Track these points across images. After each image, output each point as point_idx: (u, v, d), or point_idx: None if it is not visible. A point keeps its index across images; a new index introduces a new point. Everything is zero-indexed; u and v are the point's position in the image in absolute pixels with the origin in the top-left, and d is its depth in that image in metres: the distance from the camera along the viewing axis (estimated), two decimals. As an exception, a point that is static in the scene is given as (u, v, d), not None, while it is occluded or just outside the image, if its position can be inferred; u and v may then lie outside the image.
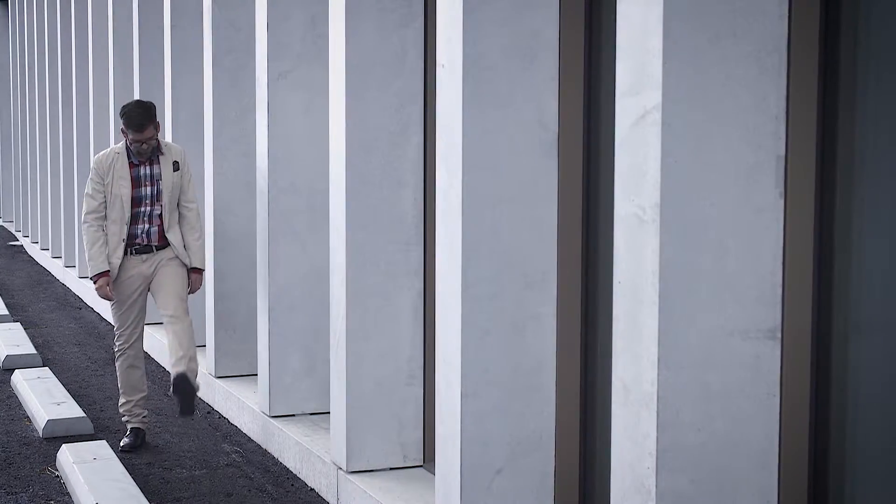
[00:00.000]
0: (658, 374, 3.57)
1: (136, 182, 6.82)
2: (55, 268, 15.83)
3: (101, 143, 12.50)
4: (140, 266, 6.89)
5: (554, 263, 4.81)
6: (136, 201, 6.82)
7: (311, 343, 7.06)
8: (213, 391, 8.05)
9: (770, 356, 3.69)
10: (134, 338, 6.99)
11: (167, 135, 9.41)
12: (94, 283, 6.84)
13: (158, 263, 6.91)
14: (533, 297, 4.78)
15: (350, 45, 5.69)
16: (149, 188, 6.83)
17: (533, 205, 4.76)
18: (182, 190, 6.95)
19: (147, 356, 10.05)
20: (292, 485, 6.31)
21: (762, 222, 3.65)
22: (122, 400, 7.11)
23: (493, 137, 4.67)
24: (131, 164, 6.81)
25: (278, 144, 6.89)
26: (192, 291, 7.01)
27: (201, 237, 7.07)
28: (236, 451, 6.94)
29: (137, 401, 7.08)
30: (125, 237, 6.83)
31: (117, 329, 6.99)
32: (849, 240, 3.65)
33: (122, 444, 6.97)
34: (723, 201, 3.61)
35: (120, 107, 6.94)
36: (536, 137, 4.74)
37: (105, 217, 6.83)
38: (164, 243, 6.91)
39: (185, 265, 6.96)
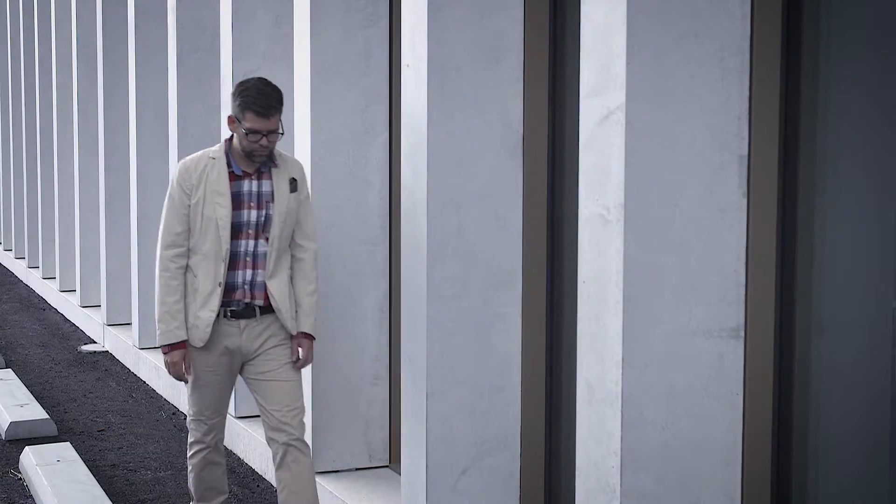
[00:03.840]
0: (622, 374, 3.58)
1: (236, 201, 4.68)
2: (19, 269, 15.70)
3: (65, 141, 12.41)
4: (235, 337, 4.77)
5: (519, 263, 4.82)
6: (234, 230, 4.68)
7: (277, 343, 7.03)
8: (179, 392, 8.01)
9: (733, 355, 3.71)
10: (216, 429, 4.95)
11: (130, 135, 9.35)
12: (164, 353, 4.78)
13: (264, 343, 4.79)
14: (498, 296, 4.78)
15: (315, 45, 5.68)
16: (254, 212, 4.69)
17: (498, 205, 4.76)
18: (299, 221, 4.83)
19: (123, 367, 9.99)
20: (258, 486, 6.29)
21: (725, 222, 3.67)
22: None
23: (459, 137, 4.67)
24: (232, 176, 4.70)
25: (243, 144, 6.86)
26: (300, 365, 4.90)
27: (317, 291, 4.92)
28: (201, 453, 6.91)
29: None
30: (223, 281, 4.69)
31: (193, 415, 4.93)
32: (811, 239, 3.68)
33: None
34: (686, 201, 3.62)
35: (78, 106, 6.63)
36: (501, 137, 4.75)
37: (188, 255, 4.72)
38: (271, 304, 4.80)
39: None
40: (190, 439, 5.00)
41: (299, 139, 5.87)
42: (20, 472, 6.49)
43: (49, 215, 13.53)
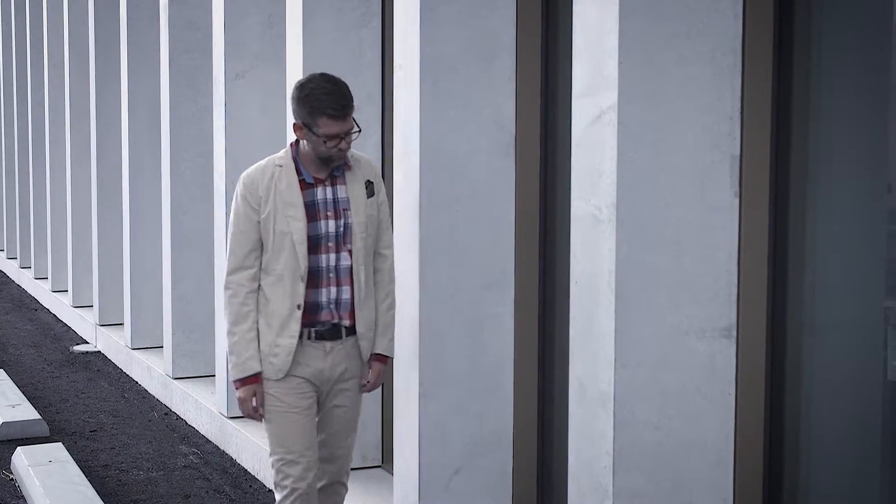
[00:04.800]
0: (614, 374, 3.58)
1: (310, 212, 4.18)
2: (11, 269, 15.67)
3: (57, 141, 12.38)
4: (319, 360, 4.23)
5: (511, 263, 4.82)
6: (311, 244, 4.18)
7: (270, 344, 7.02)
8: (171, 392, 8.00)
9: (725, 355, 3.71)
10: (311, 468, 4.24)
11: (122, 135, 9.34)
12: (236, 389, 4.23)
13: (344, 372, 4.28)
14: (490, 296, 4.78)
15: (307, 45, 5.68)
16: (332, 222, 4.20)
17: (490, 205, 4.76)
18: (378, 227, 4.34)
19: (106, 359, 9.98)
20: (250, 486, 6.29)
21: (717, 222, 3.68)
22: None
23: (451, 138, 4.67)
24: (303, 184, 4.20)
25: (236, 144, 6.86)
26: (368, 389, 4.41)
27: (394, 306, 4.41)
28: (194, 453, 6.90)
29: None
30: (302, 303, 4.18)
31: (281, 456, 4.22)
32: (803, 239, 3.68)
33: None
34: (678, 201, 3.63)
35: (70, 106, 6.56)
36: (494, 138, 4.75)
37: (259, 276, 4.21)
38: (354, 324, 4.27)
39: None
40: (279, 494, 4.22)
41: (291, 140, 5.86)
42: (12, 473, 6.48)
43: (41, 215, 13.51)
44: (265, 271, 4.19)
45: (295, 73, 5.77)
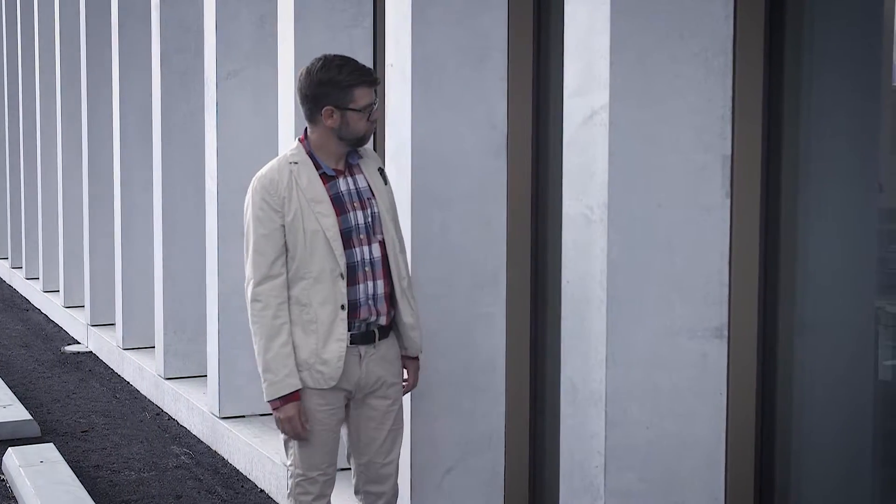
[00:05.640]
0: (606, 373, 3.58)
1: (338, 205, 3.99)
2: (2, 269, 15.65)
3: (48, 141, 12.36)
4: (354, 367, 4.02)
5: (503, 263, 4.82)
6: (344, 239, 3.97)
7: (261, 344, 7.00)
8: (163, 393, 7.99)
9: (717, 355, 3.72)
10: (331, 483, 4.17)
11: (113, 135, 9.32)
12: (274, 409, 3.97)
13: (381, 378, 4.08)
14: (482, 296, 4.79)
15: (299, 45, 5.67)
16: (359, 213, 4.01)
17: (482, 205, 4.77)
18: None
19: (98, 359, 9.97)
20: (242, 486, 6.28)
21: (709, 222, 3.68)
22: None
23: (443, 137, 4.67)
24: (324, 178, 4.01)
25: (228, 145, 6.85)
26: (408, 389, 4.30)
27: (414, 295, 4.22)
28: (186, 453, 6.89)
29: None
30: (345, 302, 3.96)
31: (304, 472, 4.08)
32: (794, 239, 3.69)
33: None
34: (670, 201, 3.63)
35: (61, 106, 6.39)
36: (486, 137, 4.75)
37: (288, 285, 3.97)
38: (390, 324, 4.12)
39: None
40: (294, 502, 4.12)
41: (283, 140, 5.86)
42: (3, 473, 6.47)
43: (32, 215, 13.48)
44: (297, 276, 3.95)
45: (287, 72, 5.77)
